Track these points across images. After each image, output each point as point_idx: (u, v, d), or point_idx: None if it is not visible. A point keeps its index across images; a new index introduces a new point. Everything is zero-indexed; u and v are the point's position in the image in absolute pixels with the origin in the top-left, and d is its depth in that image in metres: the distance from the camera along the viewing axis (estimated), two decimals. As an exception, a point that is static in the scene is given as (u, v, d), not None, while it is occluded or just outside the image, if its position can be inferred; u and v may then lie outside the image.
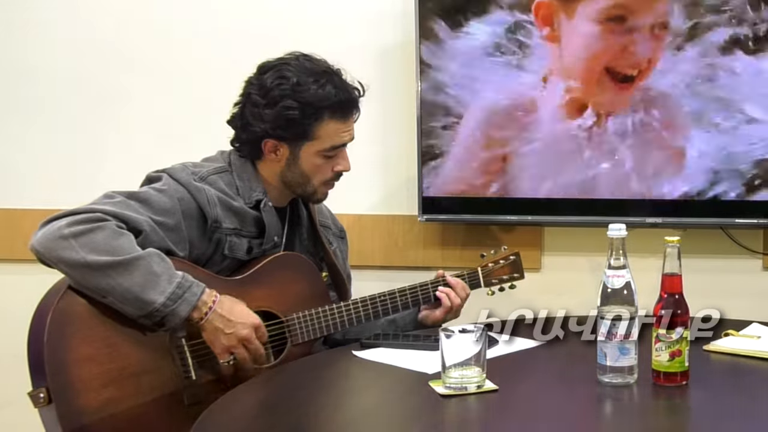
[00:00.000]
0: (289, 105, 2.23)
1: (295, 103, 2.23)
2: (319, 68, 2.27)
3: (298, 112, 2.23)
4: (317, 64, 2.28)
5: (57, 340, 2.01)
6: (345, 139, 2.29)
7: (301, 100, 2.23)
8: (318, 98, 2.23)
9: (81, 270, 2.03)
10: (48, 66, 3.03)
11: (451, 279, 2.41)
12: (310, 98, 2.23)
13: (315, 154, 2.28)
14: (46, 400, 1.99)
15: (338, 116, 2.26)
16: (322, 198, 2.38)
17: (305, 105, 2.23)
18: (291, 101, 2.23)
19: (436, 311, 2.41)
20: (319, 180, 2.31)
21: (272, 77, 2.25)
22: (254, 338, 2.13)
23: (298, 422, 1.79)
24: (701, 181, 2.71)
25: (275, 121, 2.24)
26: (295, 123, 2.24)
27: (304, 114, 2.23)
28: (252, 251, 2.28)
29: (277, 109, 2.23)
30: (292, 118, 2.23)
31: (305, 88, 2.23)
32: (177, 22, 2.99)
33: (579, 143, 2.75)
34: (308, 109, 2.23)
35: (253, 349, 2.14)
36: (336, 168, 2.31)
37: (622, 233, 1.90)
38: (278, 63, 2.28)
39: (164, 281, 2.04)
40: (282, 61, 2.28)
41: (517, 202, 2.81)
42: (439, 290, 2.39)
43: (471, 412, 1.84)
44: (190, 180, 2.21)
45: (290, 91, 2.23)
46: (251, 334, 2.13)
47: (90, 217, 2.06)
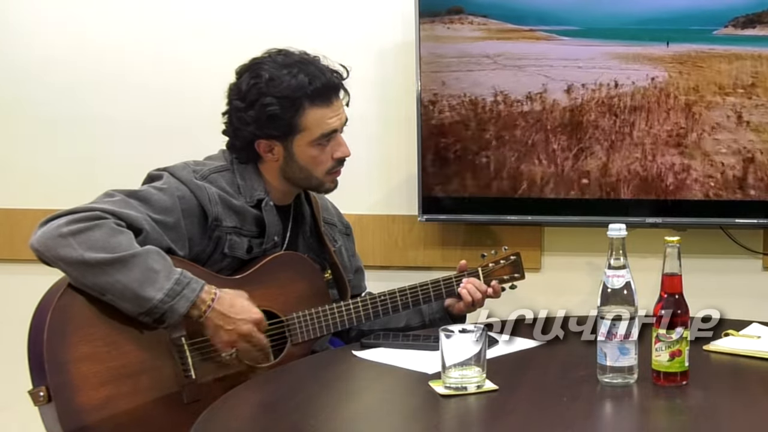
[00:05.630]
0: (267, 102, 2.22)
1: (273, 99, 2.22)
2: (293, 59, 2.26)
3: (278, 107, 2.22)
4: (290, 57, 2.27)
5: (57, 339, 2.01)
6: (333, 125, 2.27)
7: (278, 94, 2.22)
8: (293, 89, 2.22)
9: (79, 267, 2.03)
10: (48, 65, 3.03)
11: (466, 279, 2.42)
12: (286, 91, 2.22)
13: (308, 145, 2.27)
14: (45, 399, 1.99)
15: (319, 102, 2.25)
16: (331, 187, 2.35)
17: (282, 98, 2.22)
18: (269, 98, 2.22)
19: (460, 303, 2.42)
20: (320, 171, 2.30)
21: (247, 78, 2.26)
22: (255, 333, 2.13)
23: (298, 422, 1.79)
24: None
25: (258, 121, 2.24)
26: (277, 118, 2.23)
27: (283, 108, 2.22)
28: (252, 250, 2.28)
29: (257, 109, 2.23)
30: (273, 114, 2.22)
31: (279, 82, 2.22)
32: (176, 23, 2.99)
33: (579, 143, 2.76)
34: (285, 102, 2.22)
35: (256, 341, 2.14)
36: (335, 155, 2.30)
37: (622, 233, 1.90)
38: (252, 63, 2.28)
39: (162, 278, 2.04)
40: (255, 61, 2.28)
41: (517, 202, 2.81)
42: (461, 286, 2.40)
43: (471, 412, 1.84)
44: (191, 178, 2.22)
45: (265, 87, 2.22)
46: (252, 330, 2.13)
47: (88, 215, 2.06)
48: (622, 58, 2.75)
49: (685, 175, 2.73)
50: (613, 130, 2.76)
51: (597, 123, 2.76)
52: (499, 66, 2.80)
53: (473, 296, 2.39)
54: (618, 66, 2.75)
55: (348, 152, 2.31)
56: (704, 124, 2.72)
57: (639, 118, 2.75)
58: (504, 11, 2.78)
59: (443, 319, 2.43)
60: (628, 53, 2.75)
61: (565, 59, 2.77)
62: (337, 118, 2.28)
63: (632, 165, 2.75)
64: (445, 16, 2.79)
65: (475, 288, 2.39)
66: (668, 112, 2.73)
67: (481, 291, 2.40)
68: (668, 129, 2.74)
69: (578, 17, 2.76)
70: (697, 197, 2.73)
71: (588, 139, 2.76)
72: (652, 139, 2.74)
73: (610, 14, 2.75)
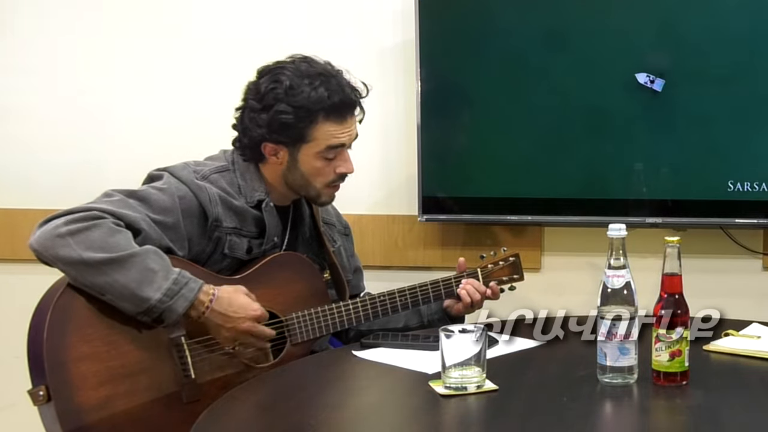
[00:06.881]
0: (282, 109, 2.23)
1: (289, 107, 2.22)
2: (315, 71, 2.26)
3: (292, 116, 2.23)
4: (314, 67, 2.27)
5: (56, 338, 2.01)
6: (342, 140, 2.28)
7: (294, 104, 2.22)
8: (311, 101, 2.22)
9: (78, 267, 2.03)
10: (48, 65, 3.03)
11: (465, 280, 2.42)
12: (303, 102, 2.22)
13: (313, 156, 2.27)
14: (45, 398, 1.99)
15: (333, 118, 2.25)
16: (327, 200, 2.37)
17: (298, 108, 2.22)
18: (284, 105, 2.22)
19: (458, 303, 2.42)
20: (321, 182, 2.31)
21: (267, 81, 2.26)
22: (255, 329, 2.14)
23: (298, 422, 1.79)
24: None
25: (270, 126, 2.24)
26: (289, 127, 2.23)
27: (297, 117, 2.23)
28: (252, 251, 2.28)
29: (271, 114, 2.24)
30: (286, 122, 2.23)
31: (298, 92, 2.22)
32: (177, 25, 2.99)
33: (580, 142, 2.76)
34: (301, 112, 2.23)
35: (258, 334, 2.14)
36: (338, 170, 2.30)
37: (622, 233, 1.90)
38: (275, 67, 2.29)
39: (161, 277, 2.04)
40: (279, 65, 2.28)
41: (517, 202, 2.81)
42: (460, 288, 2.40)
43: (471, 412, 1.84)
44: (191, 178, 2.22)
45: (283, 95, 2.23)
46: (251, 327, 2.13)
47: (87, 215, 2.06)
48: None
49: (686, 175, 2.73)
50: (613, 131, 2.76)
51: (597, 123, 2.76)
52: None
53: (472, 297, 2.39)
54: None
55: (351, 169, 2.32)
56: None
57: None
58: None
59: (442, 320, 2.43)
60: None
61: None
62: (347, 134, 2.28)
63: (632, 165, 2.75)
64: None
65: (474, 289, 2.39)
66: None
67: (480, 292, 2.40)
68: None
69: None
70: (697, 197, 2.73)
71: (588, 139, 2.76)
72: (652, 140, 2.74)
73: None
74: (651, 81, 2.66)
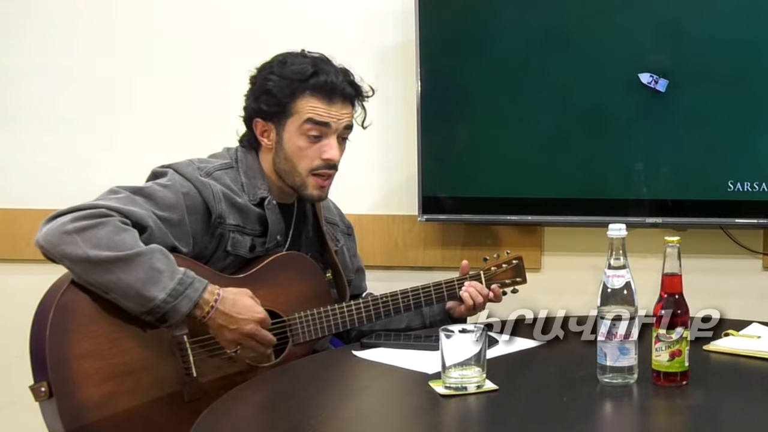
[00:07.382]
0: (269, 78, 2.27)
1: (276, 77, 2.27)
2: (315, 55, 2.31)
3: (276, 85, 2.26)
4: (315, 53, 2.32)
5: (59, 335, 2.01)
6: (325, 119, 2.26)
7: (282, 74, 2.27)
8: (296, 73, 2.26)
9: (84, 265, 2.03)
10: (48, 66, 3.03)
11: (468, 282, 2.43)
12: (289, 74, 2.26)
13: (296, 131, 2.26)
14: (46, 394, 1.99)
15: (319, 95, 2.26)
16: (316, 195, 2.32)
17: (283, 79, 2.26)
18: (273, 76, 2.27)
19: (461, 306, 2.42)
20: (304, 166, 2.28)
21: (265, 63, 2.32)
22: (259, 332, 2.14)
23: (298, 422, 1.79)
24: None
25: (255, 94, 2.29)
26: (271, 95, 2.26)
27: (280, 87, 2.26)
28: (255, 249, 2.28)
29: (258, 84, 2.29)
30: (269, 89, 2.26)
31: (288, 65, 2.27)
32: (177, 23, 2.99)
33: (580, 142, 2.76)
34: (284, 82, 2.26)
35: (261, 338, 2.15)
36: (323, 155, 2.28)
37: (622, 233, 1.90)
38: (280, 54, 2.33)
39: (166, 277, 2.04)
40: (284, 53, 2.33)
41: (517, 202, 2.81)
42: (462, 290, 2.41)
43: (471, 412, 1.84)
44: (196, 175, 2.22)
45: (275, 68, 2.28)
46: (255, 329, 2.13)
47: (94, 212, 2.06)
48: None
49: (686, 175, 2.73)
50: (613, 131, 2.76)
51: (597, 123, 2.76)
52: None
53: (475, 300, 2.39)
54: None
55: (336, 156, 2.29)
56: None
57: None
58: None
59: (444, 321, 2.43)
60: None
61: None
62: (334, 117, 2.27)
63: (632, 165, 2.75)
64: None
65: (477, 292, 2.40)
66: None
67: (483, 295, 2.40)
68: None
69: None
70: (697, 197, 2.73)
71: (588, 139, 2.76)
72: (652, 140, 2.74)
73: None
74: (654, 81, 2.66)
